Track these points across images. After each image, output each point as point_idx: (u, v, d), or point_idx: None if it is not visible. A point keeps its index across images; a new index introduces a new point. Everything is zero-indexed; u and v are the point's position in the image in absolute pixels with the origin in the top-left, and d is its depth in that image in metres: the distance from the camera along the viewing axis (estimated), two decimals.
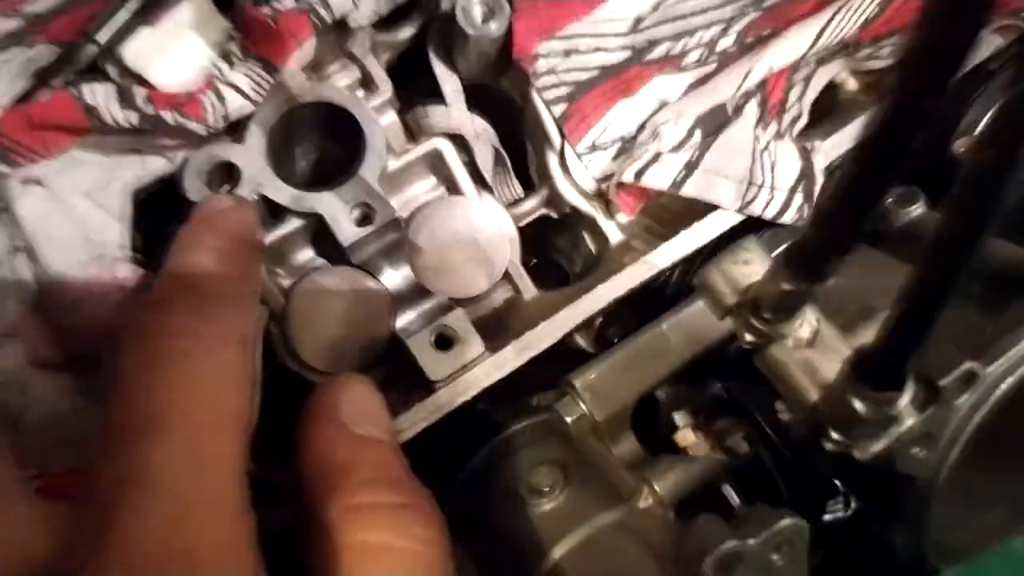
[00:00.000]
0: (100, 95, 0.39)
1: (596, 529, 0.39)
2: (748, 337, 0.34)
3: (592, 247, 0.53)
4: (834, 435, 0.32)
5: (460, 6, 0.48)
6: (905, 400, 0.30)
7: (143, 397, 0.28)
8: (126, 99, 0.39)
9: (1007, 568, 0.34)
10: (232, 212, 0.38)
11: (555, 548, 0.39)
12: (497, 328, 0.49)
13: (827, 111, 0.54)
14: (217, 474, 0.28)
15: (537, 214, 0.53)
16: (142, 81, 0.42)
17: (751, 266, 0.34)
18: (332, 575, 0.29)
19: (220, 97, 0.41)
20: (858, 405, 0.30)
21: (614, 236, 0.51)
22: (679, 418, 0.39)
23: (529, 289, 0.50)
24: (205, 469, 0.27)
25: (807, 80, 0.52)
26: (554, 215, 0.53)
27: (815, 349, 0.33)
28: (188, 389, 0.28)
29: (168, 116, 0.39)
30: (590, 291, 0.46)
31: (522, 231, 0.53)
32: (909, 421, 0.32)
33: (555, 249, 0.58)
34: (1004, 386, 0.36)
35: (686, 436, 0.39)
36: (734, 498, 0.40)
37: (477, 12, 0.49)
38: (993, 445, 0.40)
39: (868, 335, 0.33)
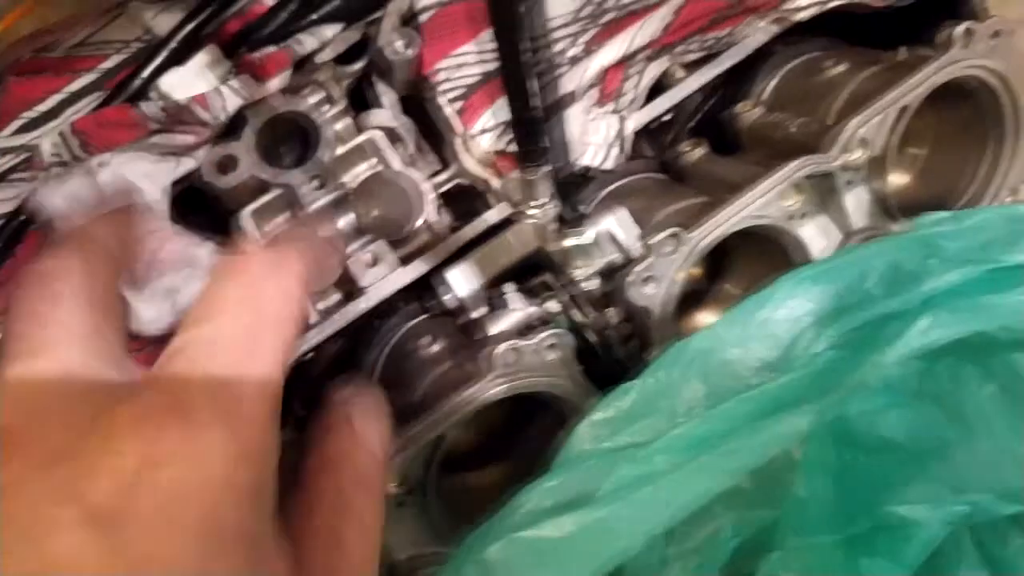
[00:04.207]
0: (144, 106, 0.63)
1: (452, 365, 0.59)
2: (523, 219, 0.54)
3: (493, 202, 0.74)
4: (569, 272, 0.52)
5: (385, 41, 0.71)
6: (589, 236, 0.49)
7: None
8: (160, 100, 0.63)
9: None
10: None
11: (426, 378, 0.59)
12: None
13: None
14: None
15: (453, 183, 0.75)
16: (172, 100, 0.66)
17: None
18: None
19: (221, 95, 0.64)
20: (565, 242, 0.50)
21: None
22: (506, 287, 0.60)
23: (444, 232, 0.71)
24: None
25: (640, 74, 0.72)
26: (465, 183, 0.74)
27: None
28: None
29: (184, 101, 0.62)
30: (474, 223, 0.67)
31: (446, 197, 0.75)
32: (610, 256, 0.52)
33: (476, 212, 0.78)
34: (703, 244, 0.55)
35: (506, 299, 0.59)
36: None
37: (398, 44, 0.71)
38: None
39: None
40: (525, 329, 0.58)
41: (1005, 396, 0.45)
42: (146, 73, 0.65)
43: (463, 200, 0.78)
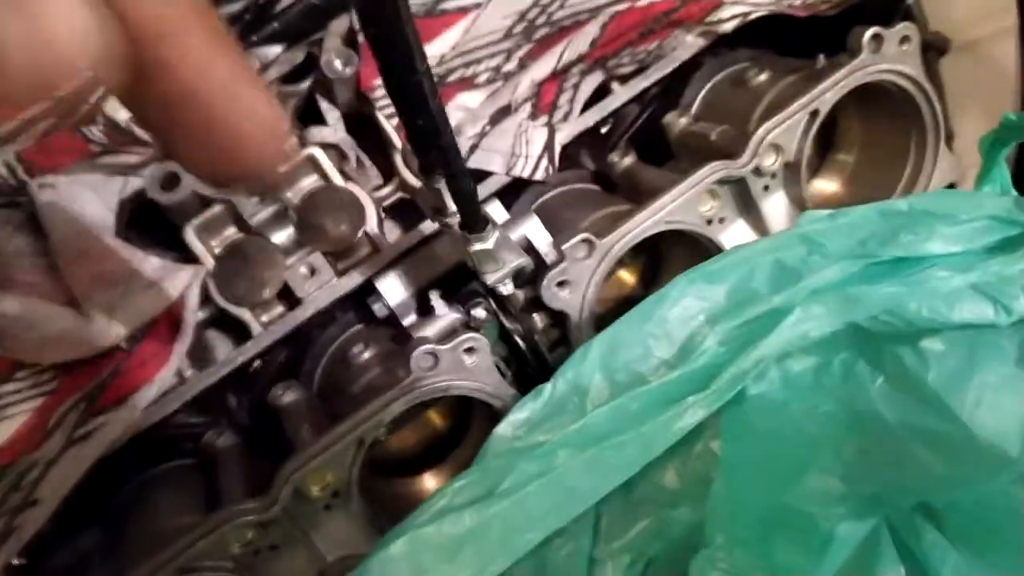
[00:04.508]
0: (87, 130, 0.65)
1: (382, 371, 0.61)
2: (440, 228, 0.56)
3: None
4: (481, 275, 0.54)
5: (325, 60, 0.73)
6: (491, 242, 0.51)
7: None
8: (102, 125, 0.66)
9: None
10: None
11: (357, 384, 0.61)
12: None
13: None
14: None
15: (396, 196, 0.76)
16: (114, 122, 0.68)
17: None
18: None
19: None
20: (470, 247, 0.51)
21: None
22: (432, 296, 0.61)
23: (384, 244, 0.73)
24: None
25: (575, 87, 0.74)
26: (408, 196, 0.76)
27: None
28: None
29: (123, 124, 0.65)
30: (409, 234, 0.69)
31: (395, 210, 0.76)
32: (517, 260, 0.53)
33: None
34: (615, 249, 0.57)
35: (436, 306, 0.60)
36: None
37: (337, 63, 0.73)
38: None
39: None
40: (450, 334, 0.60)
41: (892, 388, 0.46)
42: (92, 97, 0.67)
43: (411, 211, 0.80)
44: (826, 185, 0.73)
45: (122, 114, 0.68)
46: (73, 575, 0.61)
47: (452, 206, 0.53)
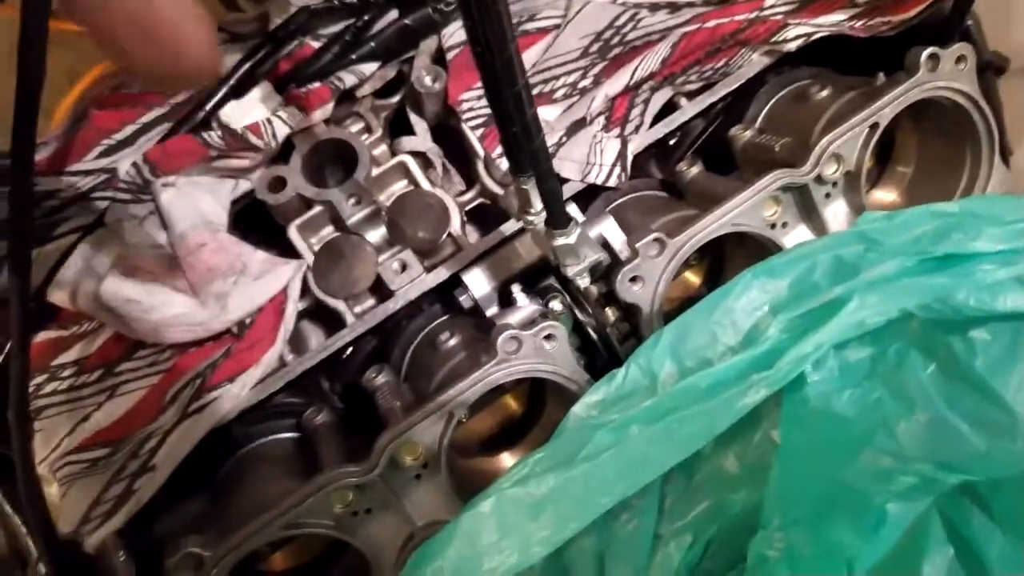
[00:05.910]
0: (206, 135, 0.73)
1: (466, 356, 0.67)
2: (524, 226, 0.62)
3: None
4: (562, 268, 0.59)
5: (415, 76, 0.80)
6: (573, 237, 0.56)
7: None
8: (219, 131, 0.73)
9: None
10: None
11: (443, 368, 0.67)
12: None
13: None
14: None
15: (477, 201, 0.83)
16: (230, 129, 0.76)
17: None
18: None
19: (271, 123, 0.74)
20: (554, 242, 0.57)
21: None
22: (514, 288, 0.67)
23: (467, 244, 0.79)
24: None
25: (646, 102, 0.80)
26: (488, 201, 0.83)
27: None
28: None
29: (239, 130, 0.72)
30: (490, 235, 0.75)
31: (474, 213, 0.83)
32: (596, 255, 0.59)
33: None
34: (685, 248, 0.62)
35: (517, 297, 0.66)
36: None
37: (427, 79, 0.80)
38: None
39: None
40: (530, 324, 0.66)
41: (943, 375, 0.50)
42: (209, 105, 0.75)
43: (490, 215, 0.86)
44: (886, 195, 0.77)
45: (236, 121, 0.75)
46: (186, 533, 0.68)
47: (538, 205, 0.59)
